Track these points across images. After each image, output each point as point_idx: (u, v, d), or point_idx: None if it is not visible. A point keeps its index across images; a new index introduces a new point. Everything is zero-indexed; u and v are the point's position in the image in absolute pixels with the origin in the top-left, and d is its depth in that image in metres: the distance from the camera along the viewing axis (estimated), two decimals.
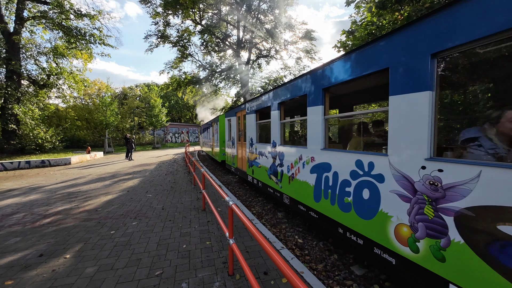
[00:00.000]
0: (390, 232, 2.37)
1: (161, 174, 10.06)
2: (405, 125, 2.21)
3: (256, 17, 21.72)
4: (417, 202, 2.10)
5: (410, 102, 2.15)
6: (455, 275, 1.82)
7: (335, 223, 3.21)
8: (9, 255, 3.24)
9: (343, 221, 3.05)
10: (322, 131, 3.48)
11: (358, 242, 2.80)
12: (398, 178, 2.29)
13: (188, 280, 2.61)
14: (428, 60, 1.99)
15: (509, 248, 1.51)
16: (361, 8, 8.23)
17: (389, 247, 2.38)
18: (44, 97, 19.50)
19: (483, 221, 1.65)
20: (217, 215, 3.38)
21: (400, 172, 2.27)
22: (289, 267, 1.28)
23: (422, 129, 2.04)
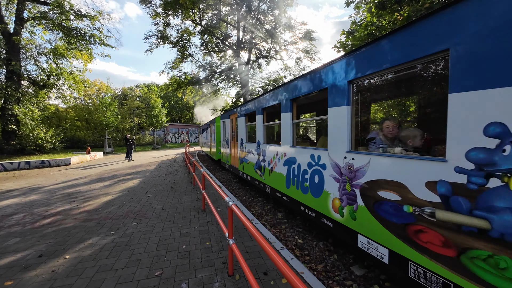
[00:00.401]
0: (329, 205, 3.32)
1: (161, 175, 10.06)
2: (336, 128, 3.13)
3: (256, 18, 21.73)
4: (342, 181, 3.04)
5: (338, 113, 3.07)
6: (361, 228, 2.75)
7: (299, 203, 4.18)
8: (9, 255, 3.24)
9: (303, 201, 4.00)
10: (291, 132, 4.40)
11: (312, 215, 3.77)
12: (333, 165, 3.23)
13: (188, 281, 2.61)
14: (346, 85, 2.91)
15: (383, 205, 2.44)
16: (360, 8, 8.24)
17: (329, 215, 3.34)
18: (44, 98, 19.52)
19: (371, 190, 2.57)
20: (217, 215, 3.38)
21: (334, 161, 3.20)
22: (289, 268, 1.28)
23: (344, 131, 2.97)
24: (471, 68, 1.74)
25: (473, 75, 1.72)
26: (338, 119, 3.08)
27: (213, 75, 24.43)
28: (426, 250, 2.05)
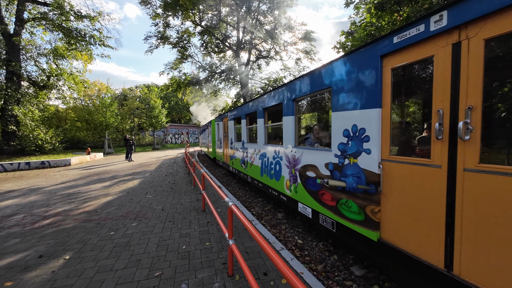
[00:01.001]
0: (284, 185, 4.71)
1: (161, 175, 10.06)
2: (287, 131, 4.50)
3: (255, 18, 21.76)
4: (290, 167, 4.42)
5: (288, 121, 4.45)
6: (299, 198, 4.11)
7: (268, 187, 5.58)
8: (8, 256, 3.24)
9: (270, 185, 5.39)
10: (263, 133, 5.81)
11: (275, 194, 5.15)
12: (286, 157, 4.62)
13: (187, 281, 2.61)
14: (292, 102, 4.32)
15: (308, 180, 3.74)
16: (360, 9, 8.26)
17: (284, 193, 4.71)
18: (44, 98, 19.52)
19: (303, 171, 3.91)
20: (217, 216, 3.39)
21: (286, 154, 4.60)
22: (288, 268, 1.28)
23: (291, 133, 4.35)
24: (338, 98, 3.13)
25: (339, 103, 3.11)
26: (288, 125, 4.49)
27: (213, 75, 24.45)
28: (325, 204, 3.42)
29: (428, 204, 2.12)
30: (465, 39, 1.84)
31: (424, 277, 2.15)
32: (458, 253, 1.92)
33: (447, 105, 1.96)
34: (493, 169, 1.69)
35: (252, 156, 6.64)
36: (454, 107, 1.91)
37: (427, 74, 2.27)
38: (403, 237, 2.36)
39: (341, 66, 3.07)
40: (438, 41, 2.01)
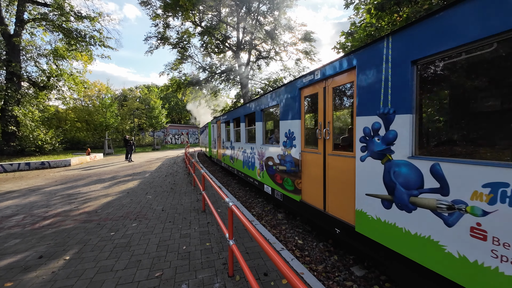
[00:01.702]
0: (256, 173, 6.33)
1: (161, 176, 10.06)
2: (258, 133, 6.08)
3: (255, 19, 21.78)
4: (260, 160, 6.06)
5: (259, 125, 6.08)
6: (265, 181, 5.76)
7: (247, 176, 7.24)
8: (8, 256, 3.24)
9: (249, 174, 7.09)
10: (245, 134, 7.55)
11: (251, 180, 6.88)
12: (257, 152, 6.23)
13: (188, 281, 2.61)
14: (260, 112, 5.98)
15: (269, 168, 5.49)
16: (360, 9, 8.28)
17: (256, 178, 6.31)
18: (44, 99, 19.51)
19: (266, 162, 5.65)
20: (217, 216, 3.38)
21: (258, 150, 6.14)
22: (289, 268, 1.28)
23: (261, 135, 5.96)
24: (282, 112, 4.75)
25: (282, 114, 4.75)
26: (258, 128, 6.16)
27: (213, 76, 24.46)
28: (277, 183, 5.04)
29: (317, 174, 3.77)
30: (327, 86, 3.50)
31: (317, 217, 3.78)
32: (327, 199, 3.57)
33: (322, 120, 3.60)
34: (336, 153, 3.39)
35: (237, 153, 8.47)
36: (324, 121, 3.56)
37: (317, 101, 3.76)
38: (309, 196, 4.03)
39: (283, 91, 4.78)
40: (318, 85, 3.70)
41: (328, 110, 3.47)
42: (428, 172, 2.12)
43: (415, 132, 2.28)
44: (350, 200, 3.08)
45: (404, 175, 2.33)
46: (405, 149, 2.32)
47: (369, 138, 2.74)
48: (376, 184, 2.64)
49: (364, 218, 2.79)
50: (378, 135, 2.62)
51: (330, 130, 3.44)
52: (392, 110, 2.46)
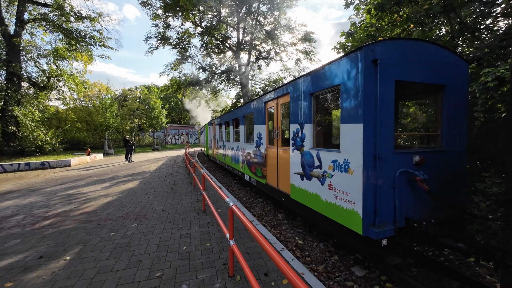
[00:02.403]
0: (240, 166, 8.19)
1: (161, 176, 10.05)
2: (241, 134, 7.89)
3: (255, 19, 21.78)
4: (242, 155, 7.85)
5: (242, 128, 7.88)
6: (245, 171, 7.53)
7: (235, 169, 8.89)
8: (8, 257, 3.23)
9: (235, 167, 8.75)
10: (233, 135, 9.06)
11: (237, 172, 8.60)
12: (241, 149, 8.00)
13: (188, 282, 2.61)
14: (243, 117, 7.76)
15: (247, 161, 7.33)
16: (360, 10, 8.28)
17: (240, 170, 8.16)
18: (44, 99, 19.51)
19: (246, 156, 7.40)
20: (217, 216, 3.38)
21: (241, 148, 7.92)
22: (290, 268, 1.27)
23: (243, 136, 7.71)
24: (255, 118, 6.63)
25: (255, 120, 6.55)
26: (241, 131, 7.77)
27: (213, 76, 24.46)
28: (253, 172, 6.75)
29: (274, 163, 5.31)
30: (278, 103, 5.13)
31: (274, 192, 5.34)
32: (278, 179, 5.09)
33: (275, 125, 5.20)
34: (283, 148, 4.92)
35: (227, 150, 10.19)
36: (276, 126, 5.17)
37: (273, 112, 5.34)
38: (270, 179, 5.59)
39: (255, 103, 6.50)
40: (273, 101, 5.33)
41: (278, 119, 5.18)
42: (315, 157, 3.75)
43: (313, 134, 3.95)
44: (288, 178, 4.65)
45: (307, 159, 3.96)
46: (309, 144, 3.96)
47: (295, 137, 4.37)
48: (297, 165, 4.27)
49: (294, 188, 4.42)
50: (298, 136, 4.25)
51: (280, 132, 5.17)
52: (303, 121, 4.09)
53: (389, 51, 2.93)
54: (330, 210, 3.37)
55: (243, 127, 7.74)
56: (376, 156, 2.84)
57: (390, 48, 2.95)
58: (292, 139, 4.41)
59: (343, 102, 3.12)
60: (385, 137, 2.90)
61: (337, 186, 3.23)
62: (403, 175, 2.95)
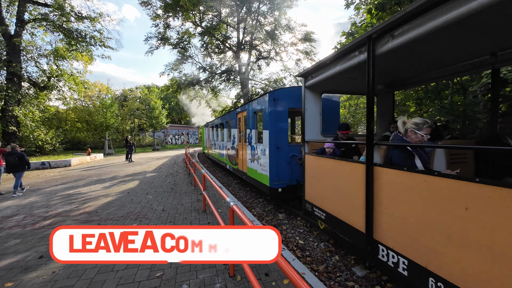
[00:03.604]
0: (224, 159, 11.09)
1: (161, 176, 10.05)
2: (225, 135, 10.76)
3: (256, 19, 21.78)
4: (225, 151, 10.64)
5: (225, 130, 10.86)
6: (227, 162, 10.42)
7: (221, 162, 11.82)
8: (9, 257, 3.23)
9: (222, 160, 11.71)
10: (220, 135, 12.00)
11: (223, 164, 11.45)
12: (224, 146, 10.93)
13: (189, 282, 2.60)
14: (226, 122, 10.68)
15: (229, 156, 9.96)
16: (360, 9, 8.27)
17: (223, 161, 11.36)
18: (44, 99, 19.49)
19: (227, 151, 10.30)
20: (218, 216, 3.37)
21: (224, 145, 10.87)
22: (291, 268, 1.27)
23: (226, 136, 10.52)
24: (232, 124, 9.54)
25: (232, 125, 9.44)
26: (225, 132, 10.57)
27: (213, 76, 24.46)
28: (231, 162, 9.46)
29: (241, 153, 8.10)
30: (242, 116, 8.04)
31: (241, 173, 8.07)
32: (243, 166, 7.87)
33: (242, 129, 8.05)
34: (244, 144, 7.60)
35: (217, 148, 13.00)
36: (242, 129, 7.94)
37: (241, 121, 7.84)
38: (240, 166, 8.22)
39: (232, 112, 9.30)
40: (240, 114, 8.19)
41: (242, 125, 7.88)
42: (256, 148, 6.44)
43: (255, 135, 6.60)
44: (246, 163, 7.39)
45: (253, 150, 6.63)
46: (253, 141, 6.64)
47: (248, 137, 7.03)
48: (249, 155, 6.91)
49: (247, 168, 7.18)
50: (249, 136, 6.91)
51: (243, 134, 7.68)
52: (251, 128, 6.87)
53: (282, 93, 5.75)
54: (259, 176, 6.23)
55: (226, 130, 10.58)
56: (277, 147, 5.65)
57: (283, 92, 5.80)
58: (247, 138, 7.20)
59: (263, 118, 6.06)
60: (282, 137, 5.75)
61: (261, 163, 6.04)
62: (293, 157, 5.72)
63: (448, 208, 1.81)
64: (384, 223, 2.41)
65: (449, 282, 1.80)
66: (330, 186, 3.42)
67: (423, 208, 2.00)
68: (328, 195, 3.48)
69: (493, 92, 3.42)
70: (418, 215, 2.05)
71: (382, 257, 2.43)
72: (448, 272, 1.82)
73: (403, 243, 2.20)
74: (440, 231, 1.87)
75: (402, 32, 2.18)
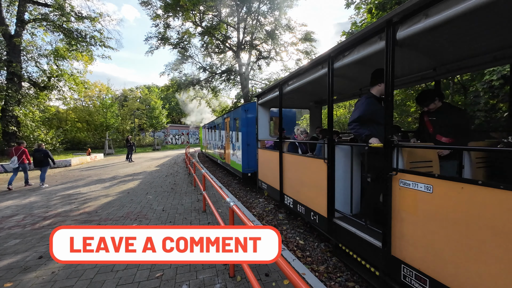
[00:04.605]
0: (216, 155, 13.65)
1: (161, 176, 10.04)
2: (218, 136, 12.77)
3: (256, 19, 21.75)
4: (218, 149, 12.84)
5: (217, 131, 13.04)
6: (217, 157, 13.18)
7: (214, 158, 14.45)
8: (8, 257, 3.22)
9: (214, 156, 14.37)
10: (213, 136, 14.25)
11: (215, 159, 14.44)
12: (216, 145, 13.32)
13: (188, 282, 2.59)
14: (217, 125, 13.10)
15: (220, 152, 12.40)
16: (361, 9, 8.26)
17: (215, 157, 13.93)
18: (44, 99, 19.47)
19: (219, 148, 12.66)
20: (218, 216, 3.36)
21: (217, 144, 13.13)
22: (291, 268, 1.26)
23: (218, 136, 12.65)
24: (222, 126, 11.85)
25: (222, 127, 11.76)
26: (217, 133, 12.77)
27: (214, 76, 24.45)
28: (220, 157, 12.23)
29: (228, 150, 10.21)
30: (227, 121, 10.54)
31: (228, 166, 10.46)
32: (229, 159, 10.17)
33: (227, 131, 10.37)
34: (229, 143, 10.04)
35: (211, 146, 15.42)
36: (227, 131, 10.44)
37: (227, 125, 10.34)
38: (227, 160, 10.57)
39: (221, 117, 12.05)
40: (226, 119, 10.70)
41: (228, 128, 10.17)
42: (236, 146, 8.86)
43: (236, 136, 8.73)
44: (230, 156, 9.77)
45: (234, 147, 9.08)
46: (234, 140, 9.07)
47: (231, 137, 9.49)
48: (231, 150, 9.46)
49: (231, 161, 9.67)
50: (232, 136, 9.39)
51: (228, 135, 9.88)
52: (233, 130, 9.28)
53: (251, 106, 8.12)
54: (237, 166, 8.53)
55: (217, 131, 12.68)
56: (248, 144, 7.92)
57: (251, 105, 8.13)
58: (230, 138, 9.47)
59: (239, 123, 8.33)
60: (252, 137, 7.69)
61: (238, 156, 8.27)
62: None
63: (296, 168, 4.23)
64: (287, 184, 4.59)
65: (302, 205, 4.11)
66: (269, 168, 5.45)
67: (296, 171, 4.16)
68: (268, 174, 5.60)
69: None
70: (297, 174, 4.12)
71: (286, 201, 4.67)
72: (300, 199, 4.16)
73: (291, 192, 4.45)
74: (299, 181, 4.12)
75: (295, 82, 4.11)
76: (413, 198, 1.96)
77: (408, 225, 2.02)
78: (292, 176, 4.30)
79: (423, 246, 1.90)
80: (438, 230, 1.80)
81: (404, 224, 2.05)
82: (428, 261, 1.87)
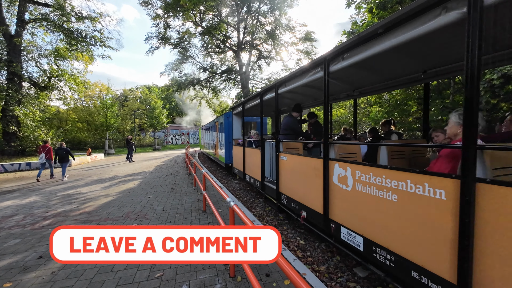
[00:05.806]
0: (211, 152, 15.53)
1: (161, 176, 10.04)
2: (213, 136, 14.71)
3: (256, 19, 21.75)
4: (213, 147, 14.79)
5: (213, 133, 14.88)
6: (211, 154, 15.86)
7: (210, 155, 16.52)
8: (8, 257, 3.21)
9: (209, 153, 16.69)
10: (210, 136, 16.21)
11: (210, 156, 16.60)
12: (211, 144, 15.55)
13: (189, 282, 2.58)
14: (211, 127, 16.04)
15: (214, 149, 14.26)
16: (361, 9, 8.25)
17: (211, 153, 16.03)
18: (45, 99, 19.48)
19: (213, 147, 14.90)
20: (218, 216, 3.35)
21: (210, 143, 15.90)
22: (292, 269, 1.25)
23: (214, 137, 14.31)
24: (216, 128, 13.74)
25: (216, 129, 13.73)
26: (212, 134, 15.07)
27: (214, 76, 24.44)
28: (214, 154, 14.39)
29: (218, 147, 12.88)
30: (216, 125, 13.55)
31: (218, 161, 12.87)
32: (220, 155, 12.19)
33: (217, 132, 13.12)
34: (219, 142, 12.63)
35: (207, 145, 17.33)
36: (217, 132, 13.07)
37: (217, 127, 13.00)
38: (217, 155, 12.87)
39: (213, 121, 14.81)
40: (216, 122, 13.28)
41: (217, 129, 12.70)
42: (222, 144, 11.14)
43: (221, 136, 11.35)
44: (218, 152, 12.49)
45: (221, 145, 11.49)
46: (221, 139, 11.38)
47: (221, 138, 11.61)
48: (219, 147, 12.11)
49: (219, 156, 12.32)
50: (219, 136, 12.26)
51: (217, 135, 12.60)
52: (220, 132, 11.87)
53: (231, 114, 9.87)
54: (222, 158, 11.08)
55: (212, 132, 14.58)
56: (229, 142, 10.04)
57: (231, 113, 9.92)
58: (219, 138, 11.76)
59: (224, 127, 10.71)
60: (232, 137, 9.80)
61: (223, 151, 10.69)
62: None
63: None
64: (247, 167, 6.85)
65: None
66: (240, 158, 7.42)
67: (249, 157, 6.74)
68: (239, 162, 7.53)
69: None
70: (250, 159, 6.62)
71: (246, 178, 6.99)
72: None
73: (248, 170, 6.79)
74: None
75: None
76: (284, 163, 4.40)
77: (282, 176, 4.60)
78: (248, 160, 6.78)
79: (285, 182, 4.47)
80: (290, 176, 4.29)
81: (281, 177, 4.62)
82: (285, 188, 4.54)
